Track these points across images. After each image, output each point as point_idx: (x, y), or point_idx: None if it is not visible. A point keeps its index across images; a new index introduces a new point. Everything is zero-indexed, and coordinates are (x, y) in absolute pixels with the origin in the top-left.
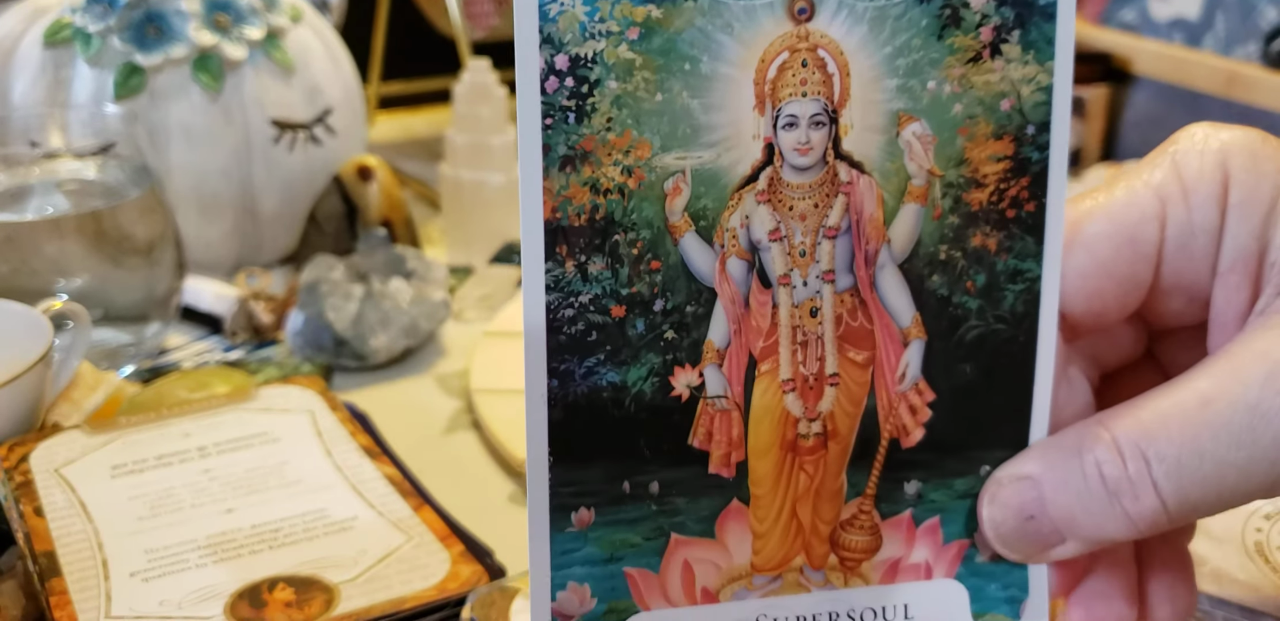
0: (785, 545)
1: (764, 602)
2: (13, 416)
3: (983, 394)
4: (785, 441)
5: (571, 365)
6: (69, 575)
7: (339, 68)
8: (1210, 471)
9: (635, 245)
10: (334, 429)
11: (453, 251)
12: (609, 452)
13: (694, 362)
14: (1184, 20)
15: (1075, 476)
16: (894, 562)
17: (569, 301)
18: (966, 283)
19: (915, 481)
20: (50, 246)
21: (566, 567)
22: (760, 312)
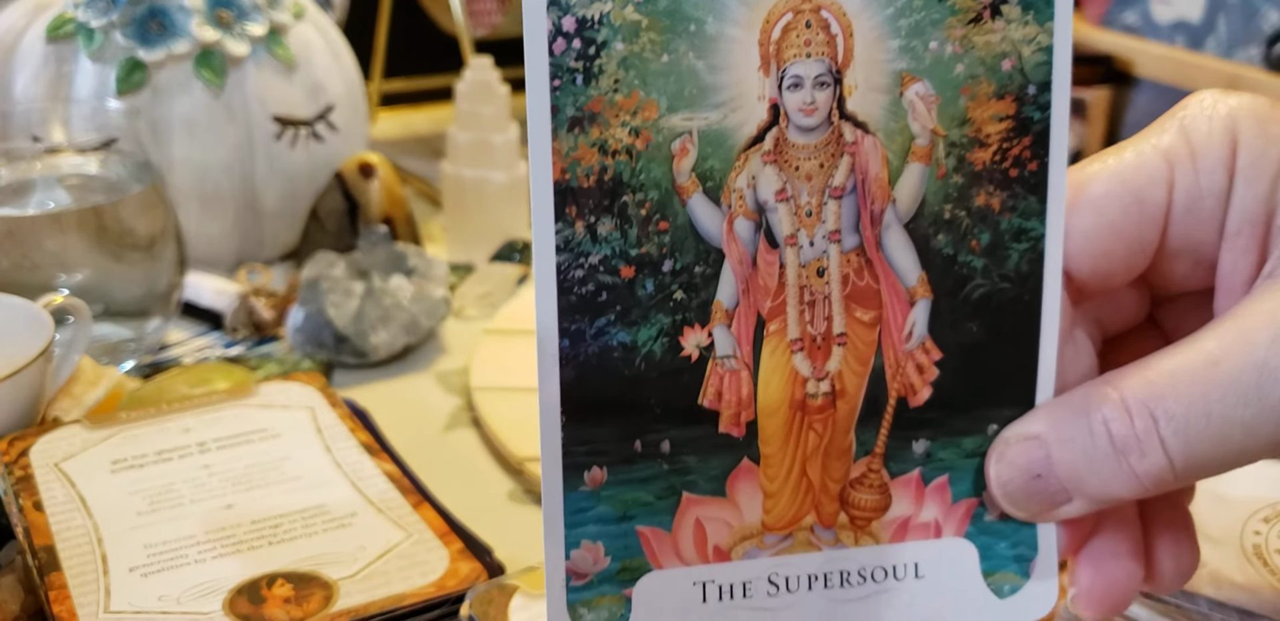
0: (796, 504)
1: (775, 561)
2: (13, 411)
3: (989, 353)
4: (794, 401)
5: (582, 325)
6: (68, 569)
7: (341, 64)
8: (1217, 430)
9: (644, 206)
10: (334, 425)
11: (454, 249)
12: (620, 412)
13: (703, 323)
14: (1186, 23)
15: (1082, 435)
16: (904, 521)
17: (579, 262)
18: (971, 242)
19: (923, 440)
20: (51, 241)
21: (580, 526)
22: (768, 273)
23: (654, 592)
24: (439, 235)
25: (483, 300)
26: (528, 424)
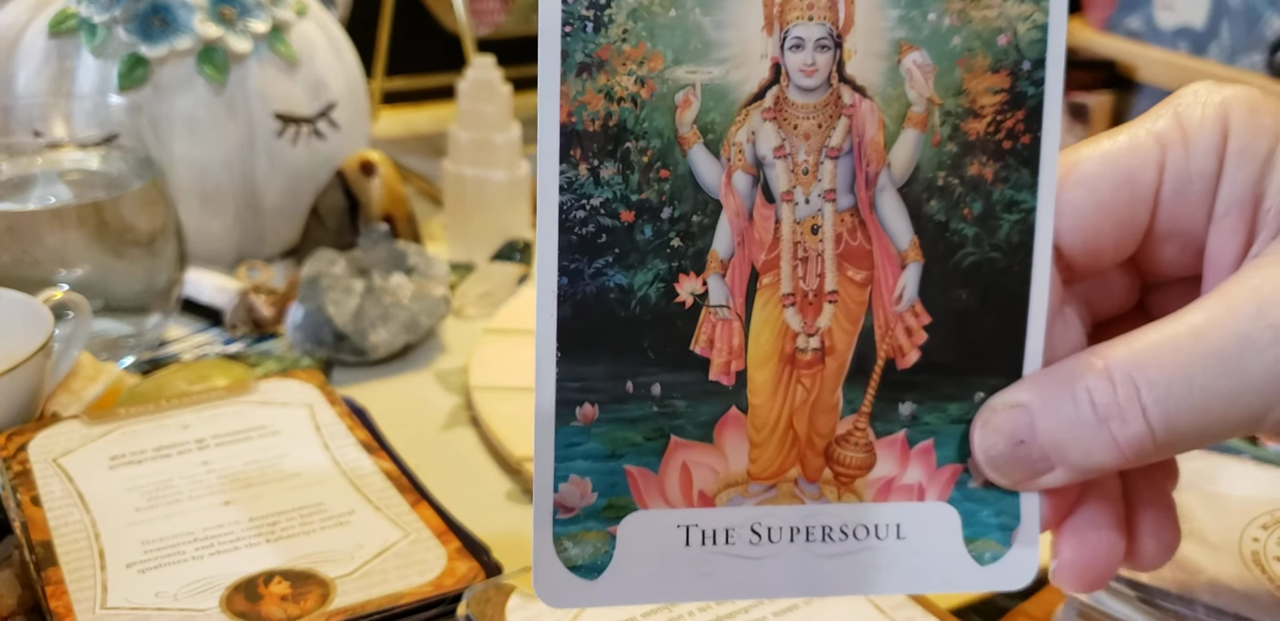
0: (781, 455)
1: (758, 510)
2: (12, 406)
3: (978, 321)
4: (784, 354)
5: (581, 265)
6: (65, 565)
7: (343, 62)
8: (1198, 400)
9: (646, 153)
10: (333, 423)
11: (454, 248)
12: (614, 352)
13: (698, 271)
14: (1189, 28)
15: (1066, 403)
16: (887, 482)
17: (581, 203)
18: (964, 210)
19: (910, 403)
20: (52, 236)
21: (569, 460)
22: (763, 227)
23: (638, 532)
24: (440, 234)
25: (483, 299)
26: (527, 423)
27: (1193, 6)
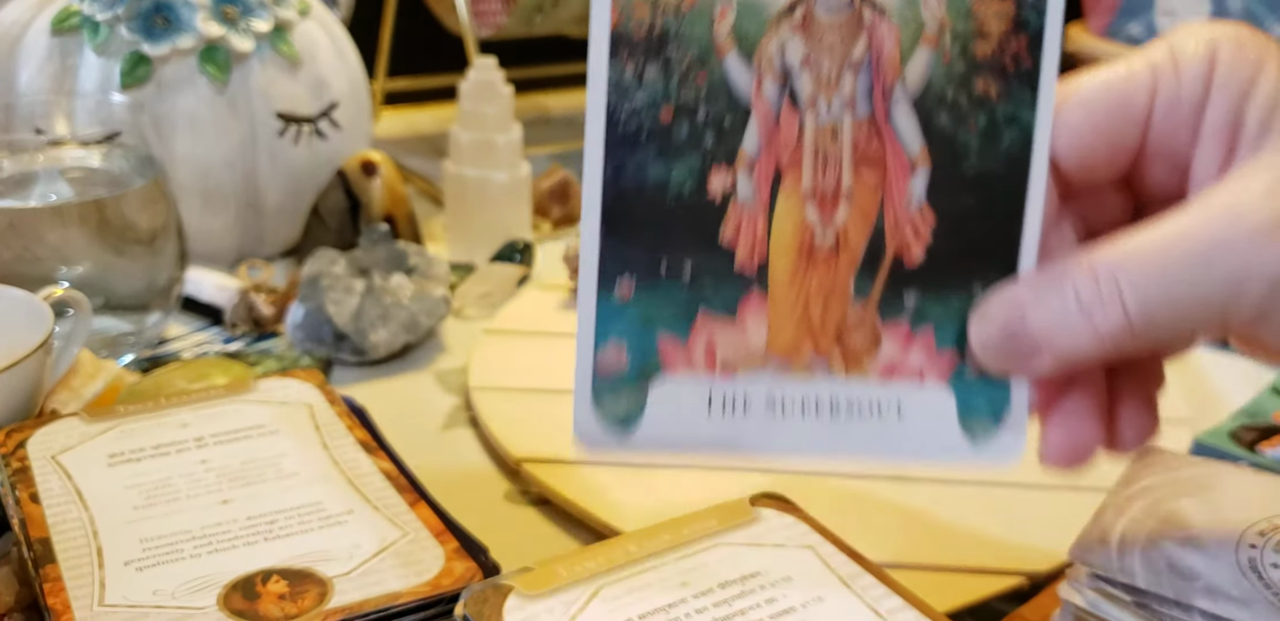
0: (796, 335)
1: (774, 382)
2: (11, 402)
3: (980, 224)
4: (802, 245)
5: (624, 157)
6: (63, 562)
7: (346, 62)
8: (1172, 296)
9: (685, 58)
10: (332, 422)
11: (454, 248)
12: (651, 235)
13: (726, 163)
14: None
15: (1055, 297)
16: (891, 364)
17: (625, 102)
18: (970, 122)
19: (914, 294)
20: (53, 234)
21: (608, 328)
22: (788, 130)
23: (667, 396)
24: (440, 234)
25: (483, 300)
26: (526, 424)
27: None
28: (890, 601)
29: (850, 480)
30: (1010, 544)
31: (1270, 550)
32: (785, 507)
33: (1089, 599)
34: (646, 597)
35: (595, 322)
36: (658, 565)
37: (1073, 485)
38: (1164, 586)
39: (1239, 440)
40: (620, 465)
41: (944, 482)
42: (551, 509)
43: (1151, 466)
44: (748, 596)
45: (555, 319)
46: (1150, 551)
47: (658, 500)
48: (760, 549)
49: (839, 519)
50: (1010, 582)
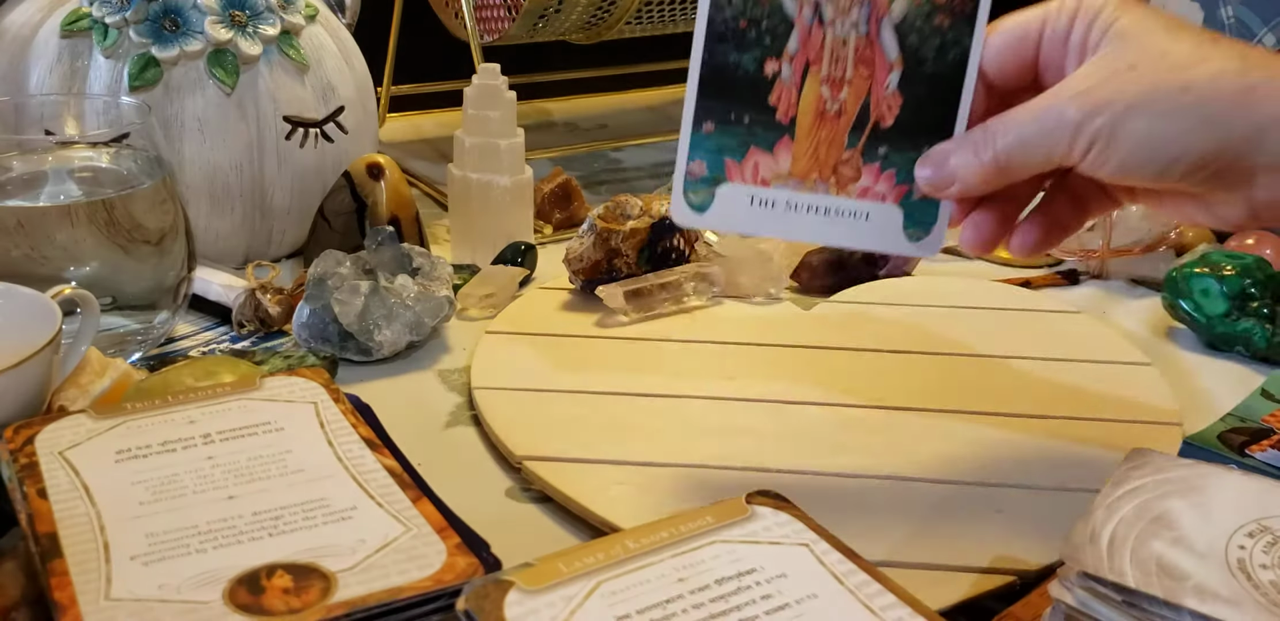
0: (809, 165)
1: (792, 192)
2: (20, 399)
3: (931, 105)
4: (818, 110)
5: (715, 48)
6: (70, 557)
7: (353, 67)
8: (1021, 138)
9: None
10: (337, 420)
11: (458, 250)
12: (726, 97)
13: (777, 57)
14: None
15: (966, 147)
16: (866, 189)
17: (720, 15)
18: (931, 41)
19: (886, 146)
20: (62, 233)
21: (696, 151)
22: (816, 38)
23: (727, 194)
24: (444, 236)
25: (485, 301)
26: (527, 423)
27: None
28: (883, 599)
29: (846, 479)
30: (1002, 543)
31: (1259, 551)
32: (781, 506)
33: (1079, 597)
34: (644, 593)
35: (689, 146)
36: (655, 561)
37: (1064, 486)
38: (1154, 586)
39: (1228, 442)
40: (619, 463)
41: (937, 482)
42: (552, 505)
43: (1142, 468)
44: (743, 592)
45: (556, 320)
46: (1140, 551)
47: (656, 497)
48: (756, 546)
49: (834, 517)
50: (1002, 581)
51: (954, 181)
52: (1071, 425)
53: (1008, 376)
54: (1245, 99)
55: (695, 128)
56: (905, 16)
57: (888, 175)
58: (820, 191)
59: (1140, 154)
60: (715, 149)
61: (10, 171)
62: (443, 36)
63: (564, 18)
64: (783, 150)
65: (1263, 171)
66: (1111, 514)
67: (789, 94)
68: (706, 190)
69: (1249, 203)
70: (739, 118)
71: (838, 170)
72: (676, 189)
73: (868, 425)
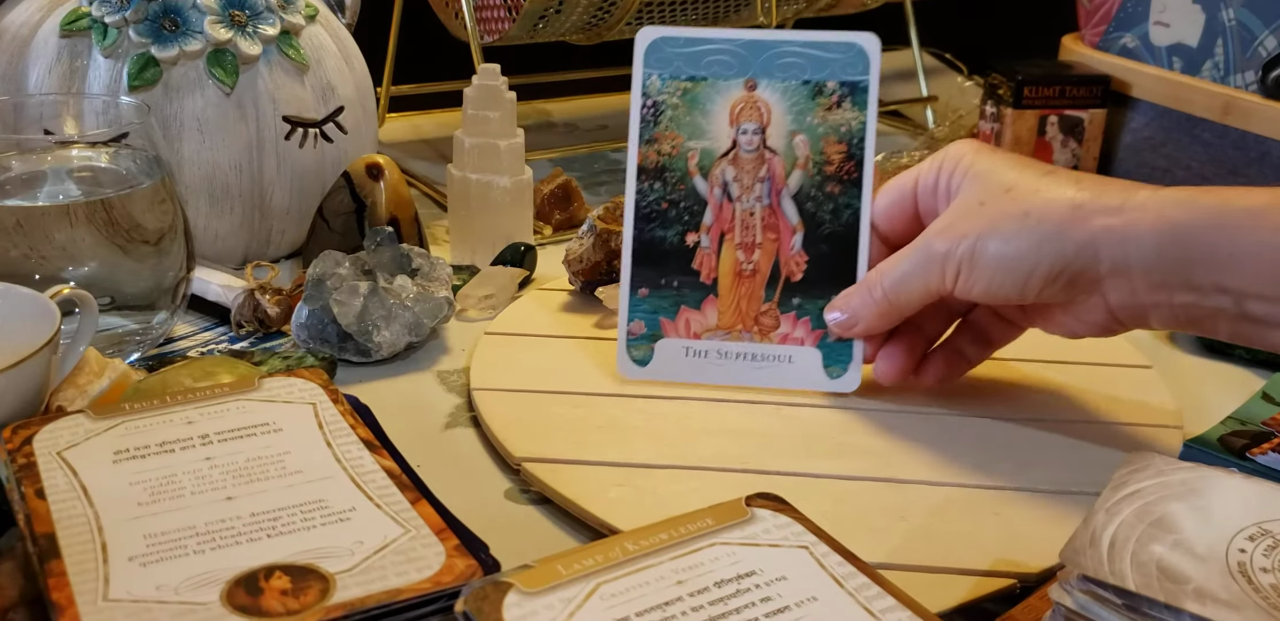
0: (733, 318)
1: (721, 343)
2: (18, 399)
3: (832, 261)
4: (736, 270)
5: (643, 227)
6: (68, 557)
7: (352, 67)
8: (901, 278)
9: (674, 178)
10: (335, 421)
11: (457, 251)
12: (657, 266)
13: (695, 231)
14: (1184, 46)
15: (864, 292)
16: (785, 335)
17: (645, 200)
18: (825, 207)
19: (798, 297)
20: (60, 233)
21: (634, 313)
22: (727, 211)
23: (664, 348)
24: (443, 237)
25: (484, 302)
26: (526, 424)
27: (1187, 24)
28: (883, 601)
29: (845, 482)
30: (1002, 546)
31: (1260, 554)
32: (780, 508)
33: (1079, 601)
34: (643, 595)
35: (628, 309)
36: (655, 563)
37: (1064, 489)
38: (1154, 589)
39: (1229, 446)
40: (618, 465)
41: (938, 485)
42: (551, 507)
43: (1143, 471)
44: (743, 595)
45: (555, 321)
46: (1141, 554)
47: (655, 499)
48: (756, 548)
49: (833, 520)
50: (1002, 584)
51: (857, 321)
52: (1072, 428)
53: (1008, 379)
54: (1075, 215)
55: (632, 293)
56: (801, 187)
57: (804, 322)
58: (746, 340)
59: (999, 274)
60: (650, 310)
61: (9, 171)
62: (443, 37)
63: (564, 18)
64: (709, 307)
65: (1107, 276)
66: (1112, 517)
67: (709, 259)
68: (646, 346)
69: (1106, 307)
70: (669, 282)
71: (759, 320)
72: (620, 347)
73: (868, 427)
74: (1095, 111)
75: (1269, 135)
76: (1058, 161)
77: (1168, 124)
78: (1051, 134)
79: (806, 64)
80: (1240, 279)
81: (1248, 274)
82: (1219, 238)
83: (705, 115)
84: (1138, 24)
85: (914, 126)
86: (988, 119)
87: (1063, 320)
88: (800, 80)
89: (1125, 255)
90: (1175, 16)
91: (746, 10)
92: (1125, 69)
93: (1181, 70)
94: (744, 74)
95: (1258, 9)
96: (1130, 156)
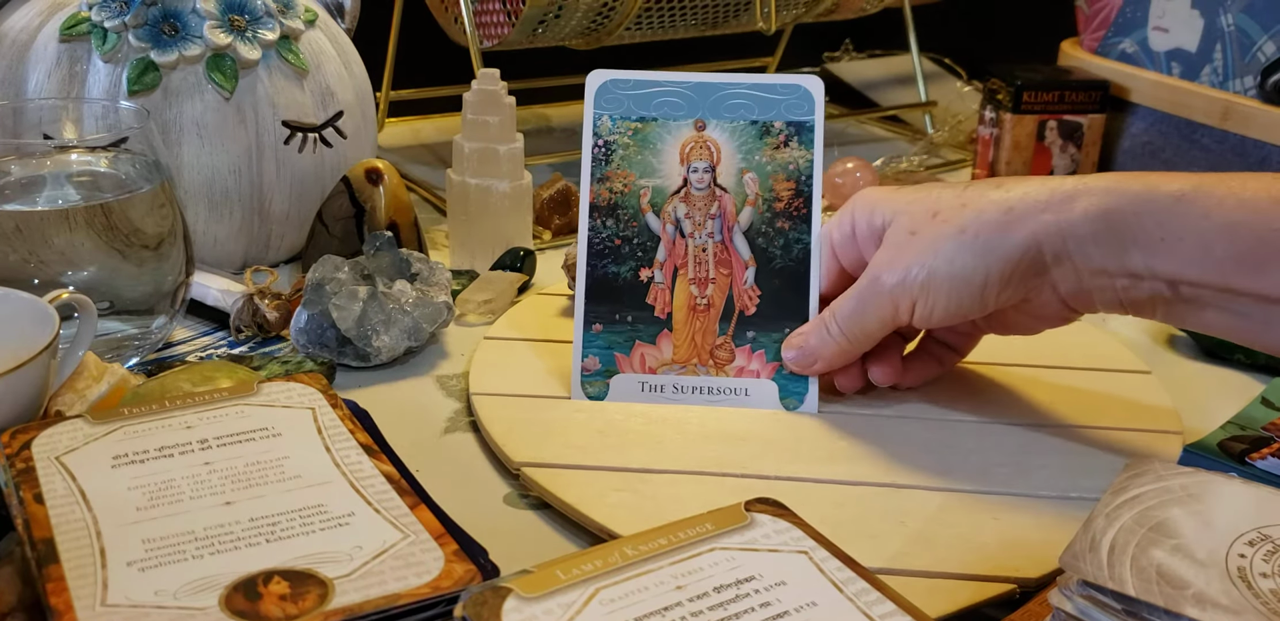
0: (689, 352)
1: (677, 377)
2: (17, 404)
3: (785, 294)
4: (690, 305)
5: (596, 263)
6: (66, 562)
7: (352, 72)
8: (857, 316)
9: (626, 215)
10: (335, 426)
11: (457, 256)
12: (611, 301)
13: (649, 266)
14: (1183, 51)
15: (820, 330)
16: (741, 368)
17: (598, 236)
18: (776, 242)
19: (753, 331)
20: (59, 237)
21: (588, 349)
22: (680, 248)
23: (619, 383)
24: (443, 242)
25: (484, 306)
26: (526, 429)
27: (1186, 30)
28: (883, 607)
29: (844, 486)
30: (1001, 551)
31: (1259, 559)
32: (780, 513)
33: (1079, 606)
34: (643, 600)
35: (582, 345)
36: (654, 568)
37: (1064, 494)
38: (1154, 594)
39: (1229, 450)
40: (617, 470)
41: (937, 490)
42: (550, 512)
43: (1142, 476)
44: (742, 600)
45: (554, 326)
46: (1141, 559)
47: (654, 504)
48: (755, 553)
49: (833, 525)
50: (1001, 589)
51: (815, 359)
52: (1071, 433)
53: (1008, 384)
54: (1009, 219)
55: (586, 329)
56: (752, 224)
57: (759, 355)
58: (702, 373)
59: (955, 293)
60: (605, 345)
61: (8, 175)
62: (442, 41)
63: (563, 23)
64: (664, 341)
65: (1053, 268)
66: (1112, 522)
67: (663, 294)
68: (601, 382)
69: (1058, 297)
70: (623, 317)
71: (714, 354)
72: (574, 383)
73: (867, 432)
74: (1094, 116)
75: (1268, 140)
76: (1057, 166)
77: (1167, 129)
78: (1050, 139)
79: (754, 104)
80: (1171, 263)
81: (1178, 258)
82: (1149, 223)
83: (656, 154)
84: (1137, 29)
85: (913, 131)
86: (986, 124)
87: (1018, 320)
88: (748, 120)
89: (1065, 246)
90: (1174, 22)
91: (745, 15)
92: (1124, 74)
93: (1180, 75)
94: (693, 115)
95: (1256, 14)
96: (1129, 161)
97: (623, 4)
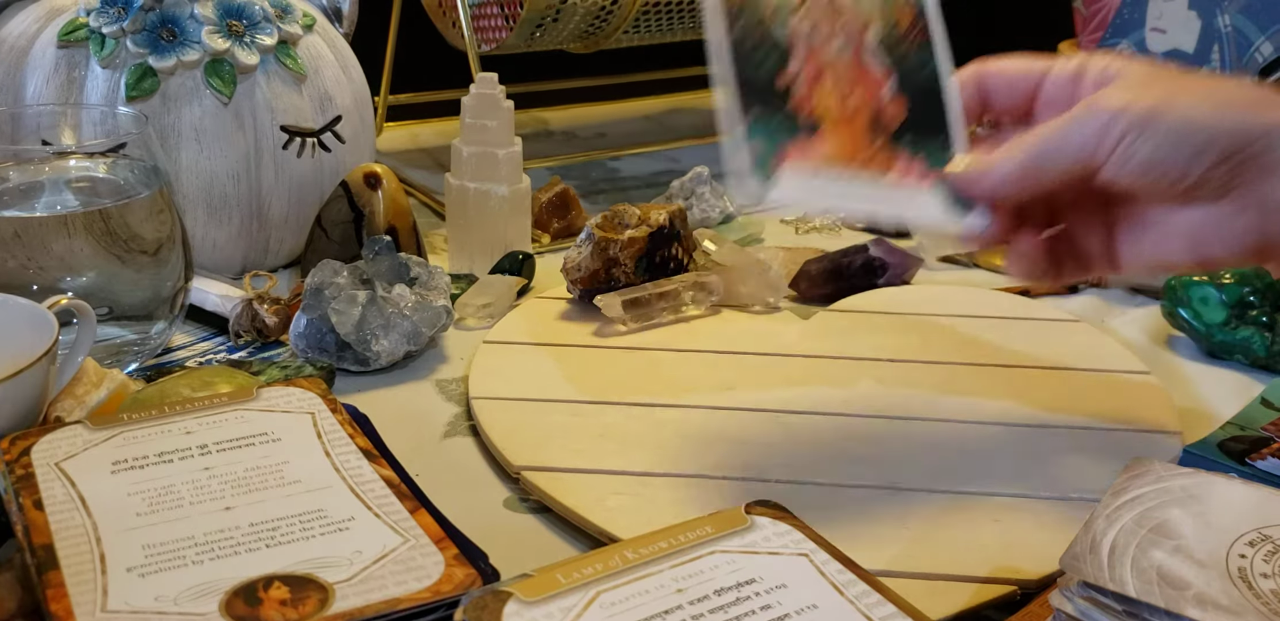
0: (844, 154)
1: (839, 173)
2: (16, 410)
3: (925, 109)
4: (834, 115)
5: (741, 64)
6: (66, 568)
7: (350, 76)
8: (1039, 155)
9: (753, 21)
10: (334, 430)
11: (456, 260)
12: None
13: (784, 71)
14: (1180, 52)
15: (1006, 147)
16: (902, 173)
17: (740, 43)
18: (903, 63)
19: (907, 138)
20: (58, 243)
21: (753, 132)
22: (814, 57)
23: (789, 172)
24: (442, 246)
25: (483, 311)
26: (525, 433)
27: (1183, 30)
28: (883, 609)
29: (845, 489)
30: (1002, 552)
31: (1260, 560)
32: (780, 516)
33: (1080, 607)
34: (643, 604)
35: (745, 129)
36: (654, 572)
37: (1064, 496)
38: (1155, 595)
39: (1228, 451)
40: (617, 473)
41: (937, 492)
42: (550, 516)
43: (1142, 477)
44: (743, 603)
45: (554, 329)
46: (1141, 560)
47: (655, 507)
48: (755, 556)
49: (833, 527)
50: (1002, 591)
51: (987, 173)
52: (1071, 434)
53: (1007, 385)
54: (1263, 102)
55: (744, 114)
56: (878, 45)
57: (918, 162)
58: (864, 178)
59: (1170, 143)
60: (764, 133)
61: (7, 181)
62: (440, 46)
63: (561, 27)
64: (818, 143)
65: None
66: (1112, 523)
67: (805, 103)
68: (767, 169)
69: (1263, 205)
70: (774, 115)
71: (875, 158)
72: (742, 167)
73: (867, 434)
74: None
75: None
76: None
77: None
78: None
79: None
80: None
81: None
82: None
83: None
84: (1134, 30)
85: None
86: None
87: (1203, 232)
88: None
89: None
90: (1171, 23)
91: None
92: None
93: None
94: None
95: (1253, 15)
96: None
97: (621, 7)
